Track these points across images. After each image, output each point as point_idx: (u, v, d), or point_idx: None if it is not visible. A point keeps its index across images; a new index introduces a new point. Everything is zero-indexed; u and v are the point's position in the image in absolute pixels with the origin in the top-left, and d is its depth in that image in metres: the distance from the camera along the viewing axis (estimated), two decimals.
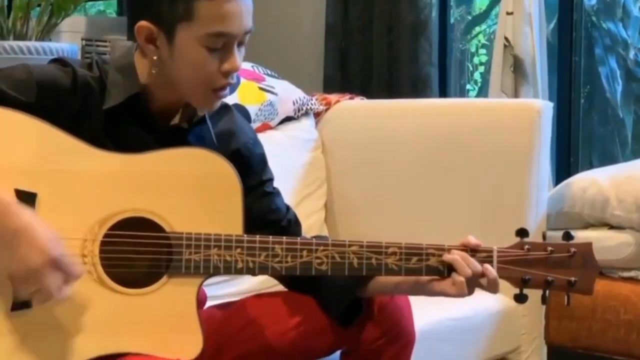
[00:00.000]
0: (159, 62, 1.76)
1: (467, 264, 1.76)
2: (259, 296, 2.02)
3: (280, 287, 1.98)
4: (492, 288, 1.79)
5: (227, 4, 1.71)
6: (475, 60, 5.65)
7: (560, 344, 2.67)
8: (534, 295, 1.82)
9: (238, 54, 1.76)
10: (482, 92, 5.20)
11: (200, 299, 1.78)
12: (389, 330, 1.92)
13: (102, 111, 1.76)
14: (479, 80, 5.51)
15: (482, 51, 5.55)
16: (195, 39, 1.71)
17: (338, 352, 1.97)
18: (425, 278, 1.81)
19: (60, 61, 1.79)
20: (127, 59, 1.81)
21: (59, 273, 1.60)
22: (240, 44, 1.77)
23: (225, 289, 2.46)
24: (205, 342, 1.72)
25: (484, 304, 1.90)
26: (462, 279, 1.76)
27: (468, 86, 5.58)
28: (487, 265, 1.77)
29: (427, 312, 2.06)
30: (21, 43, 2.88)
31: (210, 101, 1.80)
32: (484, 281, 1.78)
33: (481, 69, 5.51)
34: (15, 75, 1.73)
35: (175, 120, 1.83)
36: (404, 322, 1.94)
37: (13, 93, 1.70)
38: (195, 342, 1.71)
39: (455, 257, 1.77)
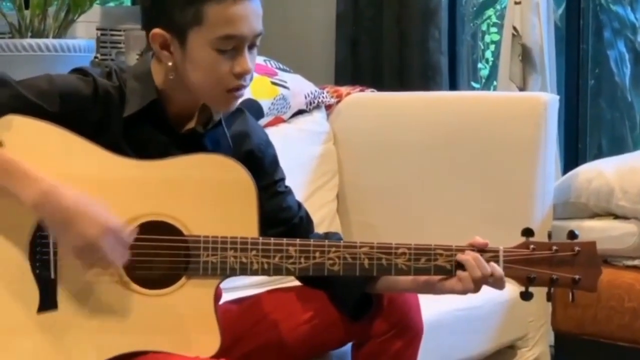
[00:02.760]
0: (174, 67, 1.79)
1: (477, 265, 1.80)
2: (272, 291, 2.07)
3: (292, 280, 2.01)
4: (498, 285, 1.84)
5: (235, 7, 1.73)
6: (487, 38, 5.65)
7: (566, 330, 2.70)
8: (541, 288, 1.86)
9: (249, 56, 1.79)
10: (493, 71, 5.20)
11: (216, 295, 1.82)
12: (398, 323, 1.96)
13: (123, 119, 1.80)
14: (491, 59, 5.51)
15: (494, 29, 5.54)
16: (206, 42, 1.75)
17: (349, 345, 2.01)
18: (433, 278, 1.86)
19: (81, 71, 1.83)
20: (144, 66, 1.85)
21: (114, 240, 1.67)
22: (251, 47, 1.79)
23: (239, 280, 2.47)
24: (222, 339, 1.77)
25: (492, 294, 1.92)
26: (466, 274, 1.80)
27: (480, 65, 5.58)
28: (494, 265, 1.81)
29: (435, 304, 2.09)
30: (39, 40, 2.88)
31: (227, 102, 1.83)
32: (490, 279, 1.82)
33: (492, 47, 5.51)
34: (39, 86, 1.76)
35: (191, 124, 1.86)
36: (412, 315, 1.98)
37: (37, 102, 1.74)
38: (213, 341, 1.76)
39: (468, 257, 1.80)
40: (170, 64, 1.79)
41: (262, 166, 1.94)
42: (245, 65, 1.78)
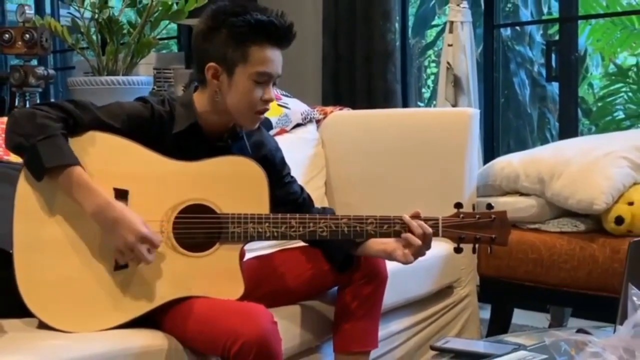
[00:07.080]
0: (219, 92, 1.78)
1: (419, 226, 1.81)
2: (282, 251, 2.06)
3: (296, 242, 1.98)
4: (427, 243, 1.83)
5: (271, 51, 1.76)
6: (428, 71, 5.65)
7: (488, 274, 2.68)
8: (468, 245, 1.86)
9: (272, 89, 1.80)
10: (433, 94, 5.21)
11: (241, 254, 1.82)
12: (369, 272, 1.96)
13: (172, 134, 1.78)
14: (431, 85, 5.52)
15: (433, 64, 5.54)
16: (247, 75, 1.75)
17: (336, 288, 2.01)
18: (388, 250, 1.86)
19: (142, 99, 1.81)
20: (187, 97, 1.83)
21: (146, 244, 1.65)
22: (274, 84, 1.80)
23: (258, 244, 2.45)
24: (246, 285, 1.77)
25: (435, 250, 1.92)
26: (411, 236, 1.80)
27: (423, 90, 5.58)
28: (426, 226, 1.81)
29: None
30: (112, 77, 2.89)
31: (254, 120, 1.83)
32: (424, 248, 1.83)
33: (432, 77, 5.51)
34: (112, 110, 1.75)
35: (222, 138, 1.85)
36: (379, 267, 1.98)
37: (111, 122, 1.73)
38: (238, 287, 1.76)
39: (412, 222, 1.82)
40: (216, 90, 1.77)
41: (274, 165, 1.93)
42: (270, 94, 1.78)
